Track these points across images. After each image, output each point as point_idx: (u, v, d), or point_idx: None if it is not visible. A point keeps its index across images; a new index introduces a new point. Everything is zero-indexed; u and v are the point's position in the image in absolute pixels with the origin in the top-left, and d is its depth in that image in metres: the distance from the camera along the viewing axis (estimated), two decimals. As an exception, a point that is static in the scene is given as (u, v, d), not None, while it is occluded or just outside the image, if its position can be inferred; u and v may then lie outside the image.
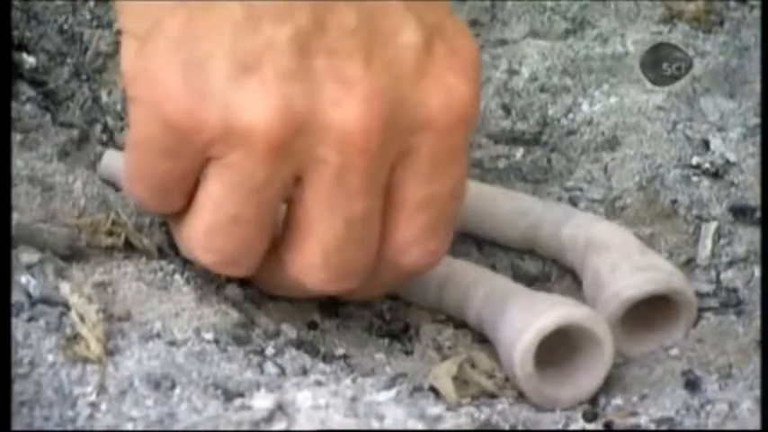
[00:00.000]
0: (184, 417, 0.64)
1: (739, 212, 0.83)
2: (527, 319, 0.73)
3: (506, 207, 0.85)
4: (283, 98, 0.67)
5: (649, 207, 0.85)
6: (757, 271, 0.82)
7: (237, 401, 0.65)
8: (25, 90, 0.89)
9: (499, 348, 0.76)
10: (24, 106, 0.89)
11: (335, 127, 0.67)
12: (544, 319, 0.73)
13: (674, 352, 0.78)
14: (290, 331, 0.78)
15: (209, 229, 0.71)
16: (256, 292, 0.82)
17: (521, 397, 0.75)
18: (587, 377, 0.74)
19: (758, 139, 0.84)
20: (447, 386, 0.73)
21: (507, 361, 0.74)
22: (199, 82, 0.67)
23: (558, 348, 0.74)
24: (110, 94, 0.92)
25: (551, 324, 0.72)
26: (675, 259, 0.83)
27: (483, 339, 0.79)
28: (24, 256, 0.73)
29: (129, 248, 0.81)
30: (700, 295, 0.80)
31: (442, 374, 0.74)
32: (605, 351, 0.74)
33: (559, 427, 0.72)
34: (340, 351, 0.78)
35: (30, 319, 0.69)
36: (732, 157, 0.84)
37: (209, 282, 0.81)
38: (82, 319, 0.69)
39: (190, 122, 0.68)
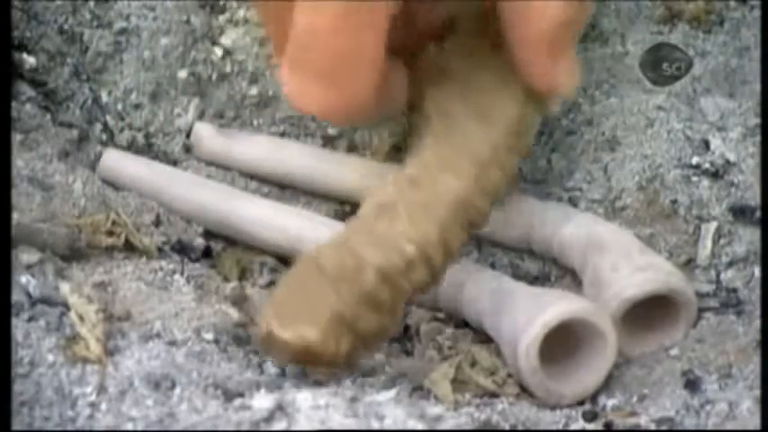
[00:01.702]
0: (184, 417, 0.64)
1: (739, 212, 0.83)
2: (531, 313, 0.73)
3: (506, 207, 0.85)
4: None
5: (649, 207, 0.85)
6: (757, 271, 0.82)
7: (237, 401, 0.65)
8: (25, 90, 0.89)
9: (502, 344, 0.76)
10: (24, 106, 0.89)
11: None
12: (548, 313, 0.73)
13: (674, 352, 0.78)
14: (290, 331, 0.78)
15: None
16: (256, 292, 0.83)
17: (522, 395, 0.75)
18: (591, 372, 0.74)
19: (758, 139, 0.84)
20: (445, 390, 0.73)
21: (511, 356, 0.74)
22: None
23: (561, 346, 0.74)
24: (110, 94, 0.92)
25: (556, 317, 0.72)
26: (675, 259, 0.83)
27: (483, 339, 0.79)
28: (24, 256, 0.73)
29: (129, 248, 0.81)
30: (700, 295, 0.80)
31: (440, 378, 0.74)
32: (608, 345, 0.74)
33: (559, 427, 0.72)
34: (340, 351, 0.78)
35: (30, 319, 0.69)
36: (732, 157, 0.84)
37: (209, 281, 0.81)
38: (82, 319, 0.69)
39: None
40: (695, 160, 0.85)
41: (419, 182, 0.76)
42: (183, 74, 0.92)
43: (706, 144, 0.85)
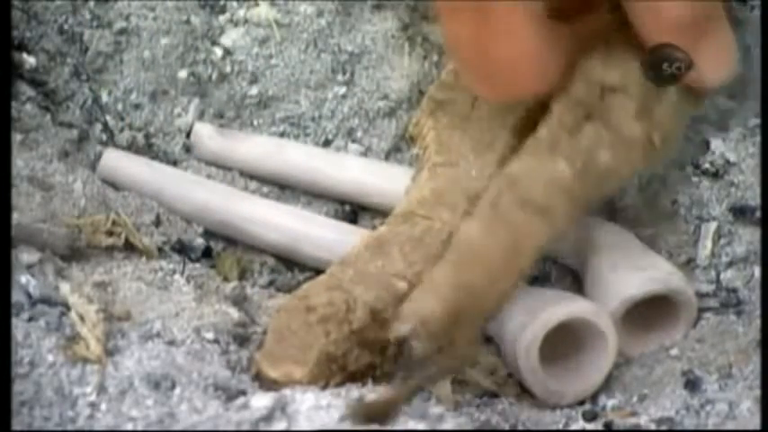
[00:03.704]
0: (184, 417, 0.64)
1: (739, 212, 0.83)
2: (531, 312, 0.73)
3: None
4: None
5: (649, 207, 0.85)
6: (757, 271, 0.82)
7: (237, 401, 0.65)
8: (25, 90, 0.89)
9: (502, 344, 0.76)
10: (24, 106, 0.89)
11: None
12: (548, 313, 0.73)
13: (674, 352, 0.78)
14: (290, 331, 0.78)
15: None
16: (256, 292, 0.83)
17: (522, 395, 0.75)
18: (591, 372, 0.74)
19: (758, 139, 0.84)
20: (445, 390, 0.73)
21: (511, 356, 0.74)
22: None
23: (561, 346, 0.74)
24: (110, 94, 0.92)
25: (555, 317, 0.73)
26: (675, 259, 0.83)
27: (483, 339, 0.79)
28: (24, 256, 0.73)
29: (129, 248, 0.81)
30: (700, 295, 0.80)
31: None
32: (609, 345, 0.74)
33: (559, 426, 0.72)
34: (340, 351, 0.78)
35: (30, 319, 0.69)
36: (732, 157, 0.84)
37: (209, 281, 0.81)
38: (82, 319, 0.69)
39: None
40: (695, 160, 0.85)
41: (414, 218, 0.76)
42: (182, 74, 0.92)
43: (706, 144, 0.85)
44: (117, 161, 0.89)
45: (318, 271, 0.81)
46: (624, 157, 0.76)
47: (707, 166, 0.84)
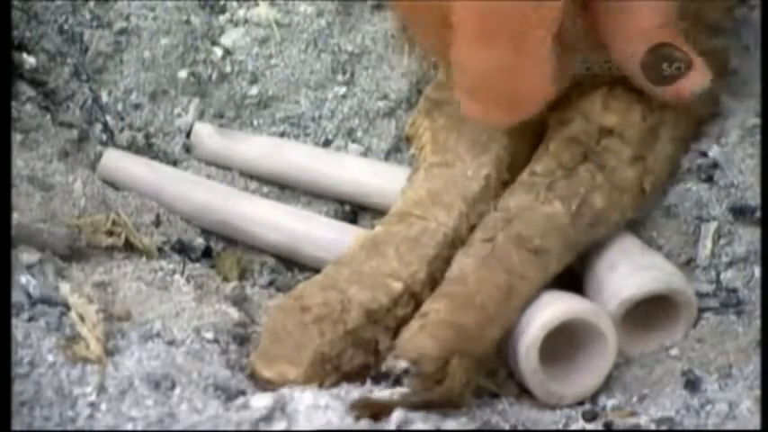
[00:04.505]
0: (184, 417, 0.64)
1: (739, 212, 0.83)
2: (531, 313, 0.73)
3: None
4: None
5: (650, 207, 0.85)
6: (757, 271, 0.81)
7: (237, 401, 0.65)
8: (25, 90, 0.89)
9: (502, 345, 0.75)
10: (24, 106, 0.89)
11: None
12: (549, 313, 0.73)
13: (674, 352, 0.78)
14: (290, 331, 0.78)
15: None
16: (256, 292, 0.83)
17: (522, 395, 0.75)
18: (591, 373, 0.74)
19: (757, 139, 0.84)
20: None
21: (511, 356, 0.74)
22: None
23: (561, 346, 0.74)
24: (110, 94, 0.92)
25: (556, 318, 0.73)
26: (675, 259, 0.83)
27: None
28: (24, 256, 0.73)
29: (129, 248, 0.81)
30: (700, 295, 0.80)
31: None
32: (609, 346, 0.74)
33: (559, 426, 0.72)
34: (340, 351, 0.78)
35: (30, 319, 0.69)
36: (731, 158, 0.84)
37: (209, 281, 0.81)
38: (82, 319, 0.69)
39: None
40: (694, 161, 0.85)
41: (409, 218, 0.76)
42: (183, 74, 0.92)
43: (701, 153, 0.85)
44: (117, 161, 0.90)
45: (318, 271, 0.81)
46: (616, 202, 0.78)
47: (706, 166, 0.84)
